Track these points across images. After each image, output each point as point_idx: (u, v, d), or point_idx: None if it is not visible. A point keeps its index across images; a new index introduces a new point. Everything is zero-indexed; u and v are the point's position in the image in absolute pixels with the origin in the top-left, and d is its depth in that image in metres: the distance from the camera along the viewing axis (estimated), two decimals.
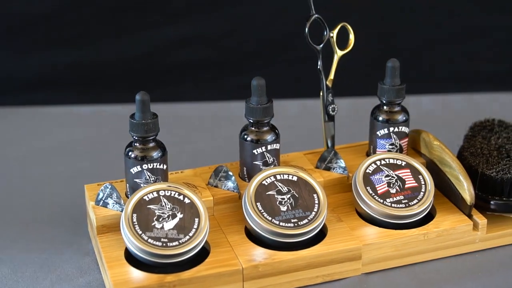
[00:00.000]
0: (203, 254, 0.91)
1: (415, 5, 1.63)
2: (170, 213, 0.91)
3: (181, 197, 0.92)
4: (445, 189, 1.01)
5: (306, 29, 1.01)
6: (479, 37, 1.62)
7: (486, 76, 1.57)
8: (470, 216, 0.98)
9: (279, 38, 1.58)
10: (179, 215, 0.91)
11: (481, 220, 0.97)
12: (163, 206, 0.91)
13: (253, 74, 0.98)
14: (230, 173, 0.99)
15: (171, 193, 0.92)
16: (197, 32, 1.60)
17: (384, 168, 0.99)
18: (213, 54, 1.60)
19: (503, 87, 1.47)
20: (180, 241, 0.89)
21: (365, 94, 1.38)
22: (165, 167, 0.96)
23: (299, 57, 1.22)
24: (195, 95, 1.47)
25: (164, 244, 0.88)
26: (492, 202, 0.98)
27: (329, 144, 1.06)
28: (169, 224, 0.90)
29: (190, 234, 0.89)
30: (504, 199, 0.98)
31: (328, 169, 1.04)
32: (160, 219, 0.90)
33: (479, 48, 1.61)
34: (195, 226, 0.90)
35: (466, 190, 0.97)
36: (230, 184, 0.99)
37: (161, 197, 0.92)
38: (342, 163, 1.03)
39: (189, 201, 0.92)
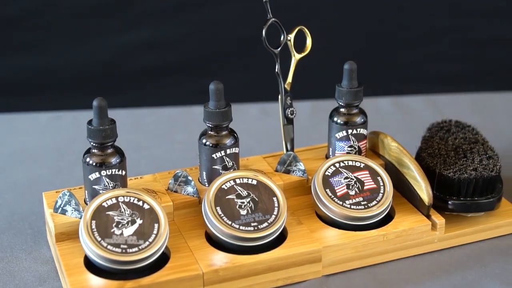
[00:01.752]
0: (163, 259, 0.91)
1: (374, 8, 1.64)
2: (130, 219, 0.90)
3: (140, 203, 0.92)
4: (403, 190, 1.02)
5: (263, 33, 1.01)
6: (437, 39, 1.64)
7: (444, 78, 1.58)
8: (428, 216, 0.98)
9: (238, 42, 1.59)
10: (139, 221, 0.90)
11: (439, 220, 0.98)
12: (122, 212, 0.91)
13: (212, 78, 0.98)
14: (190, 178, 0.99)
15: (130, 199, 0.92)
16: (156, 37, 1.60)
17: (343, 170, 1.00)
18: (173, 59, 1.59)
19: (461, 88, 1.48)
20: (140, 247, 0.88)
21: (324, 96, 1.39)
22: (124, 173, 0.95)
23: (258, 61, 1.22)
24: (155, 100, 1.47)
25: (124, 251, 0.87)
26: (450, 202, 0.99)
27: (289, 147, 1.06)
28: (129, 230, 0.89)
29: (150, 240, 0.89)
30: (462, 199, 0.99)
31: (287, 172, 1.04)
32: (120, 225, 0.90)
33: (437, 50, 1.63)
34: (155, 232, 0.90)
35: (424, 190, 0.98)
36: (189, 189, 0.99)
37: (120, 203, 0.91)
38: (301, 166, 1.03)
39: (148, 206, 0.92)
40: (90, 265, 0.90)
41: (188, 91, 1.50)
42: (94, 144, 0.93)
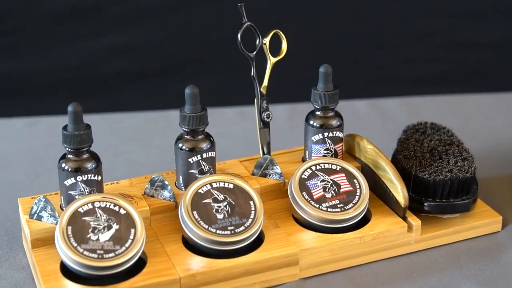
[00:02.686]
0: (140, 264, 0.90)
1: (348, 11, 1.65)
2: (106, 224, 0.90)
3: (116, 208, 0.91)
4: (380, 192, 1.03)
5: (239, 36, 1.01)
6: (412, 41, 1.65)
7: (420, 80, 1.59)
8: (404, 218, 0.99)
9: (214, 46, 1.59)
10: (115, 226, 0.90)
11: (415, 221, 0.98)
12: (99, 217, 0.90)
13: (189, 82, 0.98)
14: (166, 182, 0.99)
15: (106, 205, 0.91)
16: (132, 41, 1.60)
17: (320, 173, 1.00)
18: (149, 63, 1.59)
19: (437, 90, 1.49)
20: (116, 252, 0.88)
21: (300, 100, 1.39)
22: (99, 178, 0.95)
23: (234, 65, 1.22)
24: (132, 105, 1.46)
25: (100, 256, 0.87)
26: (425, 204, 1.00)
27: (265, 151, 1.06)
28: (105, 236, 0.89)
29: (126, 245, 0.89)
30: (437, 200, 1.00)
31: (264, 175, 1.04)
32: (96, 231, 0.89)
33: (413, 53, 1.64)
34: (131, 237, 0.89)
35: (400, 192, 0.98)
36: (166, 194, 0.98)
37: (96, 208, 0.91)
38: (278, 169, 1.03)
39: (124, 211, 0.91)
40: (67, 271, 0.89)
41: (165, 95, 1.50)
42: (69, 150, 0.93)
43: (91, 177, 0.94)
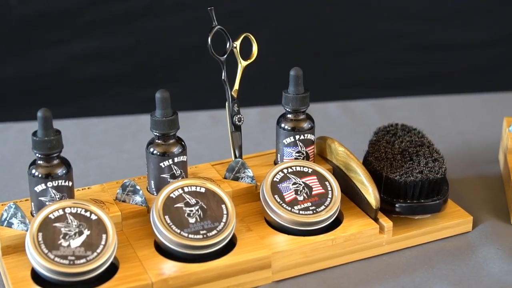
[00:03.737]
0: (112, 270, 0.90)
1: (319, 14, 1.66)
2: (77, 230, 0.90)
3: (87, 214, 0.91)
4: (351, 194, 1.03)
5: (209, 40, 1.01)
6: (383, 44, 1.66)
7: (391, 82, 1.60)
8: (376, 219, 0.99)
9: (186, 50, 1.59)
10: (86, 232, 0.90)
11: (386, 223, 0.99)
12: (69, 223, 0.90)
13: (161, 87, 0.97)
14: (138, 187, 0.98)
15: (77, 210, 0.91)
16: (104, 47, 1.59)
17: (291, 176, 1.00)
18: (121, 68, 1.59)
19: (407, 92, 1.50)
20: (88, 258, 0.87)
21: (273, 103, 1.40)
22: (70, 184, 0.94)
23: (207, 68, 1.22)
24: (103, 110, 1.46)
25: (71, 262, 0.87)
26: (397, 205, 1.00)
27: (237, 154, 1.06)
28: (76, 242, 0.88)
29: (98, 251, 0.88)
30: (408, 201, 1.00)
31: (236, 179, 1.04)
32: (67, 237, 0.89)
33: (383, 55, 1.65)
34: (103, 242, 0.89)
35: (371, 194, 0.98)
36: (138, 198, 0.98)
37: (67, 214, 0.90)
38: (250, 172, 1.03)
39: (96, 217, 0.91)
40: (38, 278, 0.89)
41: (137, 100, 1.50)
42: (39, 156, 0.92)
43: (61, 183, 0.93)
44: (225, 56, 1.03)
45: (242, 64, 1.05)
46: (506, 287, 0.93)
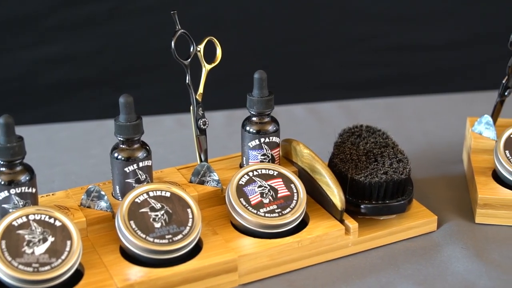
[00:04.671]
0: (77, 276, 0.90)
1: (284, 16, 1.66)
2: (41, 237, 0.89)
3: (51, 220, 0.90)
4: (317, 196, 1.04)
5: (172, 44, 1.01)
6: (348, 46, 1.67)
7: (356, 84, 1.61)
8: (341, 221, 1.00)
9: (152, 54, 1.58)
10: (50, 239, 0.89)
11: (352, 224, 0.99)
12: (33, 230, 0.89)
13: (126, 92, 0.97)
14: (103, 192, 0.98)
15: (41, 217, 0.90)
16: (69, 51, 1.58)
17: (257, 179, 1.00)
18: (86, 73, 1.58)
19: (372, 93, 1.51)
20: (52, 265, 0.87)
21: (239, 106, 1.40)
22: (34, 190, 0.94)
23: (171, 73, 1.22)
24: (69, 115, 1.45)
25: (36, 269, 0.86)
26: (362, 206, 1.01)
27: (202, 158, 1.06)
28: (40, 249, 0.88)
29: (63, 257, 0.88)
30: (373, 202, 1.01)
31: (202, 182, 1.04)
32: (31, 244, 0.88)
33: (349, 57, 1.66)
34: (67, 249, 0.88)
35: (337, 195, 0.99)
36: (103, 204, 0.98)
37: (30, 221, 0.90)
38: (215, 176, 1.03)
39: (60, 223, 0.90)
40: (2, 287, 0.88)
41: (102, 105, 1.49)
42: (1, 162, 0.91)
43: (25, 189, 0.92)
44: (189, 60, 1.03)
45: (206, 67, 1.05)
46: (470, 286, 0.94)
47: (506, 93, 1.15)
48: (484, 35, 1.68)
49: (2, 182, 0.91)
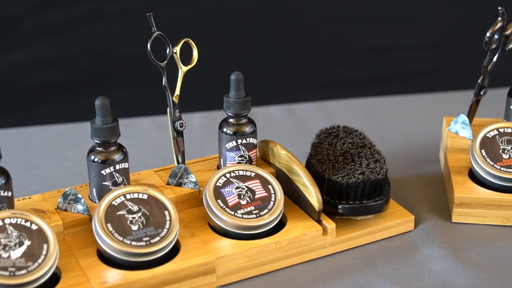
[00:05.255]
0: (54, 280, 0.89)
1: (261, 18, 1.66)
2: (17, 241, 0.88)
3: (27, 224, 0.90)
4: (294, 197, 1.04)
5: (148, 46, 1.00)
6: (326, 47, 1.67)
7: (334, 85, 1.62)
8: (319, 221, 1.00)
9: (128, 57, 1.58)
10: (27, 243, 0.88)
11: (330, 224, 0.99)
12: (9, 234, 0.89)
13: (103, 94, 0.97)
14: (79, 195, 0.97)
15: (17, 221, 0.90)
16: (45, 54, 1.58)
17: (234, 180, 1.00)
18: (62, 76, 1.57)
19: (350, 94, 1.51)
20: (29, 269, 0.86)
21: (215, 108, 1.40)
22: (10, 194, 0.93)
23: (149, 75, 1.22)
24: (46, 119, 1.44)
25: (12, 273, 0.85)
26: (339, 207, 1.01)
27: (180, 160, 1.06)
28: (17, 253, 0.87)
29: (39, 261, 0.87)
30: (351, 202, 1.01)
31: (179, 184, 1.04)
32: (7, 248, 0.87)
33: (326, 58, 1.66)
34: (44, 252, 0.88)
35: (314, 196, 0.99)
36: (79, 207, 0.97)
37: (6, 225, 0.89)
38: (193, 178, 1.03)
39: (36, 227, 0.90)
40: None
41: (80, 108, 1.49)
42: None
43: (0, 193, 0.92)
44: (165, 62, 1.03)
45: (182, 69, 1.04)
46: (447, 285, 0.95)
47: (481, 93, 1.16)
48: (459, 35, 1.69)
49: None
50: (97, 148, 0.97)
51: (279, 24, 1.66)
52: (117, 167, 0.98)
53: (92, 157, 0.97)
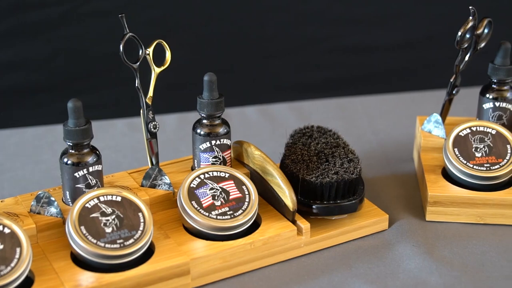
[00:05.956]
0: (27, 284, 0.89)
1: (236, 19, 1.66)
2: None
3: (0, 227, 0.89)
4: (269, 197, 1.04)
5: (121, 48, 1.00)
6: (301, 47, 1.68)
7: (308, 85, 1.62)
8: (294, 221, 1.00)
9: (103, 59, 1.57)
10: None
11: (304, 224, 1.00)
12: None
13: (78, 96, 0.96)
14: (53, 198, 0.97)
15: None
16: (19, 56, 1.56)
17: (208, 181, 1.00)
18: (36, 78, 1.56)
19: (324, 94, 1.52)
20: (1, 273, 0.86)
21: (189, 109, 1.40)
22: None
23: (122, 77, 1.21)
24: (20, 121, 1.43)
25: None
26: (314, 207, 1.01)
27: (154, 162, 1.06)
28: None
29: (12, 265, 0.87)
30: (325, 202, 1.01)
31: (153, 186, 1.03)
32: None
33: (300, 59, 1.67)
34: (17, 256, 0.87)
35: (288, 196, 0.99)
36: (53, 210, 0.97)
37: None
38: (167, 179, 1.03)
39: (9, 230, 0.89)
40: None
41: (54, 110, 1.48)
42: None
43: None
44: (137, 64, 1.02)
45: (155, 71, 1.04)
46: (421, 283, 0.95)
47: (454, 92, 1.17)
48: (432, 35, 1.70)
49: None
50: (70, 151, 0.97)
51: (253, 25, 1.66)
52: (90, 169, 0.97)
53: (65, 160, 0.97)
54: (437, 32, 1.67)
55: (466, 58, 1.14)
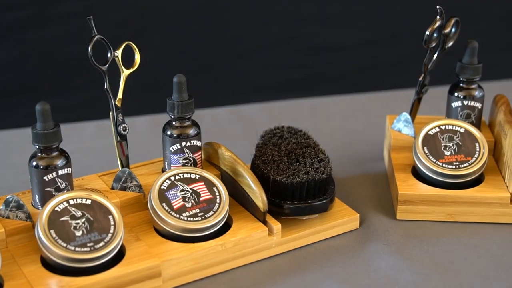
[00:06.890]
0: None
1: (206, 19, 1.66)
2: None
3: None
4: (240, 198, 1.04)
5: (89, 50, 1.00)
6: (270, 47, 1.68)
7: (279, 85, 1.62)
8: (265, 222, 1.00)
9: (72, 61, 1.56)
10: None
11: (275, 225, 1.00)
12: None
13: (47, 98, 0.96)
14: (22, 202, 0.96)
15: None
16: None
17: (179, 183, 1.00)
18: (6, 81, 1.55)
19: (296, 94, 1.52)
20: None
21: (161, 111, 1.39)
22: None
23: (92, 79, 1.21)
24: None
25: None
26: (285, 207, 1.01)
27: (124, 164, 1.05)
28: None
29: None
30: (296, 202, 1.02)
31: (124, 189, 1.03)
32: None
33: (271, 59, 1.67)
34: None
35: (259, 197, 0.99)
36: (22, 214, 0.96)
37: None
38: (137, 181, 1.03)
39: None
40: None
41: (22, 113, 1.46)
42: None
43: None
44: (106, 66, 1.02)
45: (124, 73, 1.04)
46: (393, 281, 0.96)
47: (423, 91, 1.17)
48: (400, 34, 1.71)
49: None
50: (39, 154, 0.96)
51: (222, 25, 1.66)
52: (60, 172, 0.96)
53: (34, 163, 0.96)
54: (406, 30, 1.68)
55: (434, 57, 1.15)
